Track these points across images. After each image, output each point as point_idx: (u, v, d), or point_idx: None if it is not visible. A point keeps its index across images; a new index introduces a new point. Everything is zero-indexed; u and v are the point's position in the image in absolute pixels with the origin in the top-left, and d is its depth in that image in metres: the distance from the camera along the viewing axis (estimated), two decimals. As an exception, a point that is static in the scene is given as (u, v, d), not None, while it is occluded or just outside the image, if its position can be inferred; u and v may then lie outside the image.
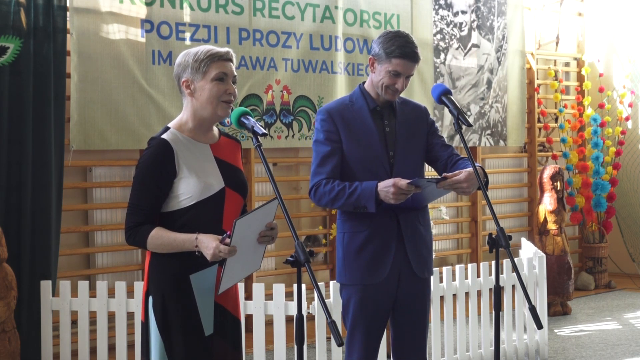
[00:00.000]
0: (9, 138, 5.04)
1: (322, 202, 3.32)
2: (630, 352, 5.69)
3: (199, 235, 2.68)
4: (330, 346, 4.79)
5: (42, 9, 5.13)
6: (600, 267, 8.51)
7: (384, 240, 3.31)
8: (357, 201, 3.23)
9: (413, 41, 3.30)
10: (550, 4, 8.93)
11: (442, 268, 5.04)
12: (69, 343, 4.76)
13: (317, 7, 6.64)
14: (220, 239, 2.64)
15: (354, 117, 3.34)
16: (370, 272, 3.31)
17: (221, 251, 2.61)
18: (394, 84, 3.29)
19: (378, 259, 3.31)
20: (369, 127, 3.33)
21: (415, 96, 7.28)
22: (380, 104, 3.38)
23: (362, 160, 3.31)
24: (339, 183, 3.28)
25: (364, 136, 3.32)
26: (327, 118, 3.35)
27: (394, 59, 3.26)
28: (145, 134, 5.60)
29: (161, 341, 2.76)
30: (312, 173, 3.37)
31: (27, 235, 5.07)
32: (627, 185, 8.85)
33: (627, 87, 8.81)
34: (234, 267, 2.67)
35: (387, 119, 3.39)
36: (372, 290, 3.32)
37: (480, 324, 5.24)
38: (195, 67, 2.78)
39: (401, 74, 3.27)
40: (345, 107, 3.38)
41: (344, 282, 3.38)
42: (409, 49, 3.26)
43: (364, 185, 3.23)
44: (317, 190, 3.30)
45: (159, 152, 2.75)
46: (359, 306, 3.32)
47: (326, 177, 3.31)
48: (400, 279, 3.35)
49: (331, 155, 3.32)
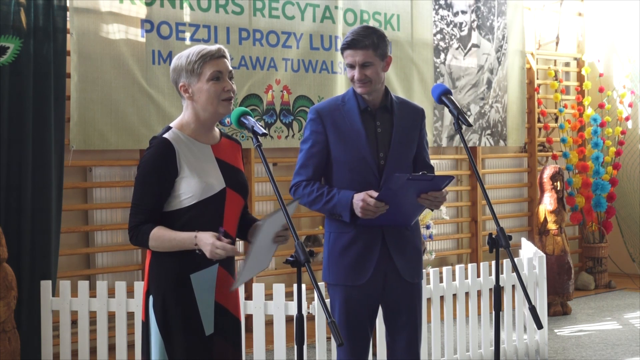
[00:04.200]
0: (9, 138, 5.04)
1: (300, 202, 3.34)
2: (630, 352, 5.69)
3: (198, 233, 2.68)
4: (330, 346, 4.79)
5: (42, 9, 5.13)
6: (600, 267, 8.51)
7: (367, 242, 3.29)
8: (333, 209, 3.26)
9: (359, 29, 3.27)
10: (550, 4, 8.93)
11: (442, 268, 5.03)
12: (69, 343, 4.76)
13: (317, 7, 6.64)
14: (217, 236, 2.64)
15: (343, 118, 3.32)
16: (353, 273, 3.30)
17: (218, 247, 2.61)
18: (352, 76, 3.28)
19: (361, 261, 3.30)
20: (356, 128, 3.29)
21: (415, 96, 7.29)
22: (371, 104, 3.34)
23: (349, 162, 3.29)
24: (319, 187, 3.28)
25: (351, 137, 3.29)
26: (316, 118, 3.33)
27: (343, 52, 3.30)
28: (145, 134, 5.61)
29: (161, 341, 2.76)
30: (295, 172, 3.37)
31: (27, 235, 5.07)
32: (627, 185, 8.85)
33: (627, 87, 8.81)
34: (252, 264, 2.68)
35: (380, 120, 3.34)
36: (356, 292, 3.31)
37: (480, 324, 5.24)
38: (190, 69, 2.78)
39: (353, 64, 3.26)
40: (336, 107, 3.35)
41: (329, 281, 3.39)
42: (349, 38, 3.26)
43: (341, 194, 3.23)
44: (297, 191, 3.33)
45: (160, 151, 2.75)
46: (344, 307, 3.32)
47: (306, 178, 3.31)
48: (387, 282, 3.33)
49: (315, 157, 3.32)
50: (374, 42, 3.25)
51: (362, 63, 3.25)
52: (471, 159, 3.15)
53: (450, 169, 8.10)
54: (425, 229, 6.29)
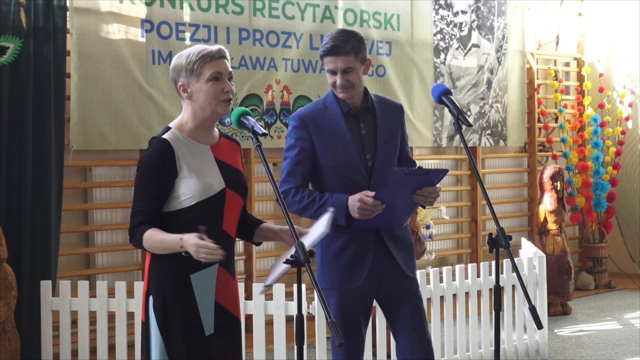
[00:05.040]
0: (9, 138, 5.04)
1: (290, 210, 3.29)
2: (630, 352, 5.69)
3: (184, 235, 2.64)
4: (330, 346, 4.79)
5: (42, 9, 5.13)
6: (600, 267, 8.51)
7: (361, 246, 3.29)
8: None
9: (338, 35, 3.24)
10: (550, 4, 8.93)
11: (442, 268, 5.03)
12: (69, 343, 4.76)
13: (317, 7, 6.64)
14: (199, 236, 2.59)
15: (327, 122, 3.30)
16: (347, 277, 3.29)
17: (201, 247, 2.56)
18: (334, 82, 3.27)
19: (355, 265, 3.29)
20: (342, 132, 3.28)
21: (415, 96, 7.29)
22: (353, 107, 3.33)
23: (337, 166, 3.28)
24: (309, 193, 3.26)
25: (337, 141, 3.28)
26: (300, 125, 3.30)
27: (323, 59, 3.28)
28: (145, 134, 5.60)
29: (162, 341, 2.76)
30: (280, 180, 3.33)
31: (27, 235, 5.07)
32: (627, 185, 8.85)
33: (627, 87, 8.81)
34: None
35: (364, 121, 3.34)
36: (349, 295, 3.31)
37: (480, 324, 5.24)
38: (189, 69, 2.77)
39: (334, 70, 3.25)
40: (318, 112, 3.33)
41: (323, 285, 3.37)
42: (329, 44, 3.23)
43: (334, 198, 3.21)
44: (286, 199, 3.27)
45: (159, 152, 2.75)
46: (339, 309, 3.31)
47: (295, 186, 3.28)
48: (384, 281, 3.33)
49: (302, 164, 3.29)
50: (355, 46, 3.24)
51: (344, 69, 3.24)
52: (471, 159, 3.15)
53: (450, 169, 8.09)
54: (425, 229, 6.28)
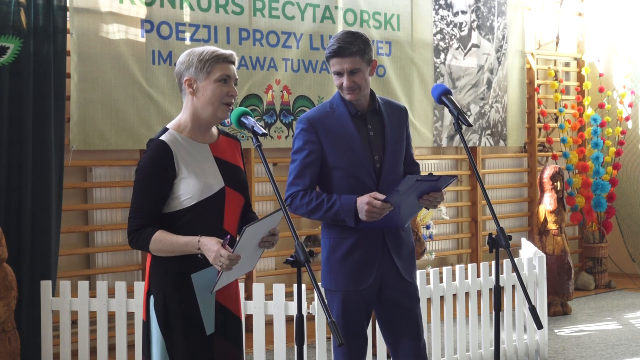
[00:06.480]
0: (9, 138, 5.04)
1: (298, 212, 3.31)
2: (630, 352, 5.69)
3: (202, 238, 2.67)
4: (330, 346, 4.79)
5: (42, 9, 5.13)
6: (600, 267, 8.51)
7: (369, 248, 3.30)
8: (336, 215, 3.24)
9: (344, 36, 3.24)
10: (550, 4, 8.93)
11: (442, 268, 5.04)
12: (69, 343, 4.76)
13: (317, 7, 6.64)
14: (222, 243, 2.64)
15: (335, 125, 3.30)
16: (354, 279, 3.30)
17: (222, 256, 2.60)
18: (341, 84, 3.27)
19: (363, 267, 3.30)
20: (351, 134, 3.29)
21: (415, 96, 7.29)
22: (360, 109, 3.34)
23: (346, 168, 3.29)
24: (317, 195, 3.27)
25: (346, 143, 3.29)
26: (308, 127, 3.30)
27: (329, 60, 3.28)
28: (145, 134, 5.60)
29: (163, 340, 2.76)
30: (288, 182, 3.34)
31: (27, 235, 5.07)
32: (627, 185, 8.85)
33: (627, 87, 8.81)
34: (235, 267, 2.68)
35: (371, 123, 3.35)
36: (354, 296, 3.31)
37: (480, 324, 5.24)
38: (200, 67, 2.79)
39: (341, 71, 3.25)
40: (326, 114, 3.33)
41: (329, 287, 3.38)
42: (335, 45, 3.23)
43: (342, 199, 3.21)
44: (294, 202, 3.29)
45: (157, 154, 2.75)
46: (342, 309, 3.32)
47: (303, 188, 3.29)
48: (384, 284, 3.34)
49: (310, 166, 3.30)
50: (361, 47, 3.24)
51: (350, 70, 3.24)
52: (471, 159, 3.15)
53: (450, 169, 8.10)
54: (425, 229, 6.28)
